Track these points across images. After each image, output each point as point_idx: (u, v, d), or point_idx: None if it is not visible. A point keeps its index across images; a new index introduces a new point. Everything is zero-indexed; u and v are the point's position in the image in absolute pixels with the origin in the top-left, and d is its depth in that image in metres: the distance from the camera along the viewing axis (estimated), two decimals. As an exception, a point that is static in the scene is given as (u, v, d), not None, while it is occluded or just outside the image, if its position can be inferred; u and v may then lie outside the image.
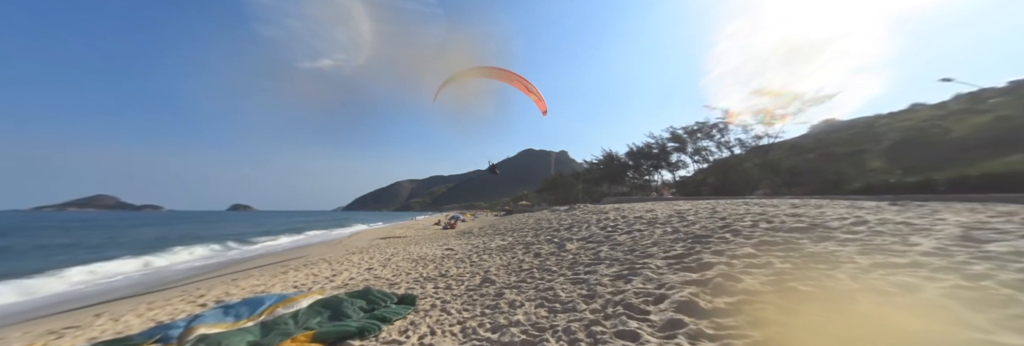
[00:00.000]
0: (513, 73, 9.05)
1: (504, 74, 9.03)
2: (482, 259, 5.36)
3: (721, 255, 3.29)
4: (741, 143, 23.87)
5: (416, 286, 4.11)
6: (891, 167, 15.40)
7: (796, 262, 2.75)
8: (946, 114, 20.66)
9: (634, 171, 31.21)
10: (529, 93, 9.25)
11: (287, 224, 35.86)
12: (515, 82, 9.07)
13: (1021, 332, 1.42)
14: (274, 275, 6.33)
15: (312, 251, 11.65)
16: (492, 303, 3.04)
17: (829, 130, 25.59)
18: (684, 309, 2.22)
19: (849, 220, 3.90)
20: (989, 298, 1.69)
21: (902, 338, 1.51)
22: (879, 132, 21.53)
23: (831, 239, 3.19)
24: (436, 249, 7.61)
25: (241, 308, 3.15)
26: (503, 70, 9.05)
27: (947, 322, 1.54)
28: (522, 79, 9.03)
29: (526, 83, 9.04)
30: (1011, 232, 2.77)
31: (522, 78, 9.02)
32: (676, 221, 5.76)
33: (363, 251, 9.03)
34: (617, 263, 3.66)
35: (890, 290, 1.94)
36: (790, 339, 1.67)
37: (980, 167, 11.18)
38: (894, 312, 1.72)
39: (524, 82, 9.03)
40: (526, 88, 9.12)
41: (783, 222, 4.29)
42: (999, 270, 2.00)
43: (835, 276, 2.29)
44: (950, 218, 3.72)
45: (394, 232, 17.86)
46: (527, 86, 9.09)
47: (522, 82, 9.02)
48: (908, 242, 2.77)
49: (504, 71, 9.04)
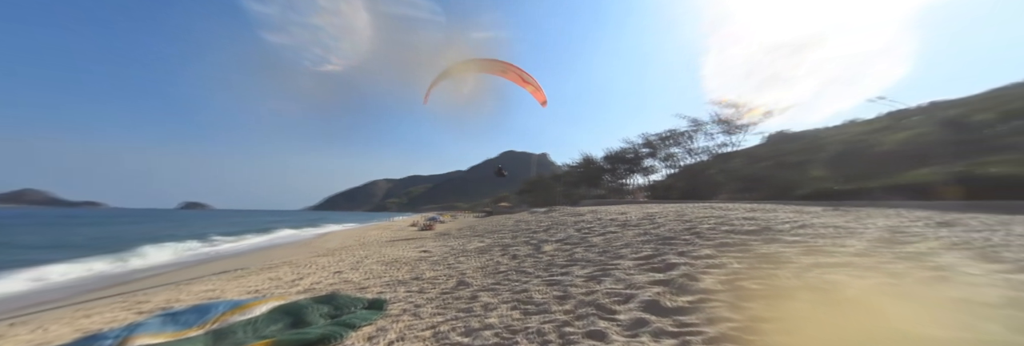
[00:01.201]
0: (507, 63, 8.09)
1: (496, 66, 8.14)
2: (459, 261, 5.28)
3: (684, 256, 3.46)
4: (707, 150, 25.34)
5: (387, 290, 3.96)
6: (832, 176, 16.93)
7: (749, 262, 2.94)
8: (876, 129, 23.04)
9: (611, 175, 32.19)
10: (525, 84, 8.31)
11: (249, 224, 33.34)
12: (508, 73, 8.17)
13: (933, 325, 1.60)
14: (230, 279, 5.88)
15: (275, 253, 10.92)
16: (466, 306, 2.99)
17: (782, 141, 27.73)
18: (649, 308, 2.31)
19: (795, 223, 4.23)
20: (907, 294, 1.90)
21: (833, 331, 1.65)
22: (822, 144, 23.58)
23: (779, 241, 3.44)
24: (411, 251, 7.40)
25: (188, 315, 2.86)
26: (495, 61, 8.12)
27: (872, 317, 1.71)
28: (516, 69, 8.07)
29: (521, 73, 8.10)
30: (923, 235, 3.13)
31: (516, 68, 8.07)
32: (646, 224, 5.99)
33: (332, 253, 8.60)
34: (590, 264, 3.74)
35: (825, 287, 2.13)
36: (739, 334, 1.79)
37: (902, 177, 12.58)
38: (827, 308, 1.88)
39: (519, 72, 8.09)
40: (521, 79, 8.21)
41: (739, 225, 4.58)
42: (915, 269, 2.25)
43: (780, 275, 2.47)
44: (878, 222, 4.13)
45: (368, 233, 17.11)
46: (522, 76, 8.14)
47: (516, 72, 8.10)
48: (842, 244, 3.04)
49: (496, 62, 8.12)
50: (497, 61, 8.16)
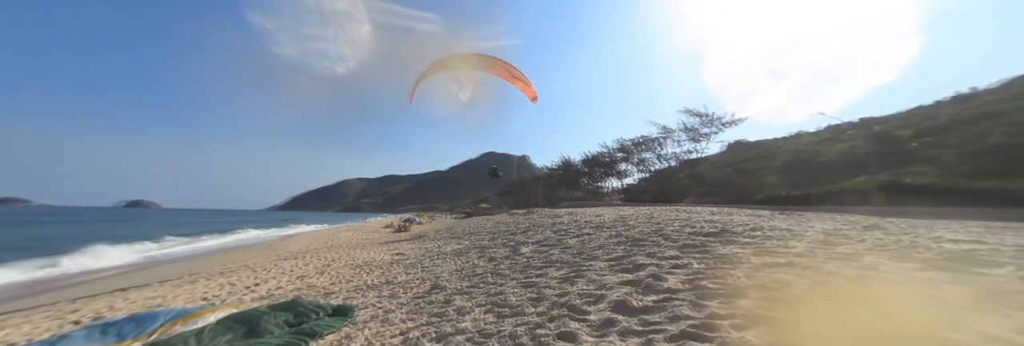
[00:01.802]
0: (495, 59, 7.65)
1: (484, 61, 7.70)
2: (434, 264, 5.19)
3: (652, 257, 3.62)
4: (676, 156, 26.73)
5: (356, 295, 3.80)
6: (782, 182, 18.49)
7: (708, 263, 3.15)
8: (820, 141, 25.48)
9: (588, 178, 33.03)
10: (514, 80, 7.89)
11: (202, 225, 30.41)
12: (497, 69, 7.75)
13: (859, 319, 1.80)
14: (179, 285, 5.38)
15: (233, 256, 10.05)
16: (440, 310, 2.94)
17: (741, 149, 29.89)
18: (618, 308, 2.40)
19: (749, 226, 4.57)
20: (836, 292, 2.12)
21: (774, 326, 1.81)
22: (775, 153, 25.71)
23: (735, 243, 3.71)
24: (385, 254, 7.16)
25: (125, 326, 2.57)
26: (482, 56, 7.70)
27: (808, 313, 1.90)
28: (505, 64, 7.65)
29: (510, 68, 7.67)
30: (854, 237, 3.50)
31: (505, 63, 7.66)
32: (619, 226, 6.21)
33: (298, 256, 8.11)
34: (566, 266, 3.82)
35: (772, 286, 2.32)
36: (698, 331, 1.91)
37: (840, 185, 14.01)
38: (773, 305, 2.06)
39: (507, 67, 7.66)
40: (510, 75, 7.80)
41: (702, 228, 4.88)
42: (845, 267, 2.52)
43: (735, 275, 2.67)
44: (817, 226, 4.57)
45: (339, 235, 16.08)
46: (511, 72, 7.72)
47: (505, 68, 7.68)
48: (788, 245, 3.34)
49: (484, 57, 7.68)
50: (485, 56, 7.74)
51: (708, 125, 24.31)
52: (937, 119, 20.24)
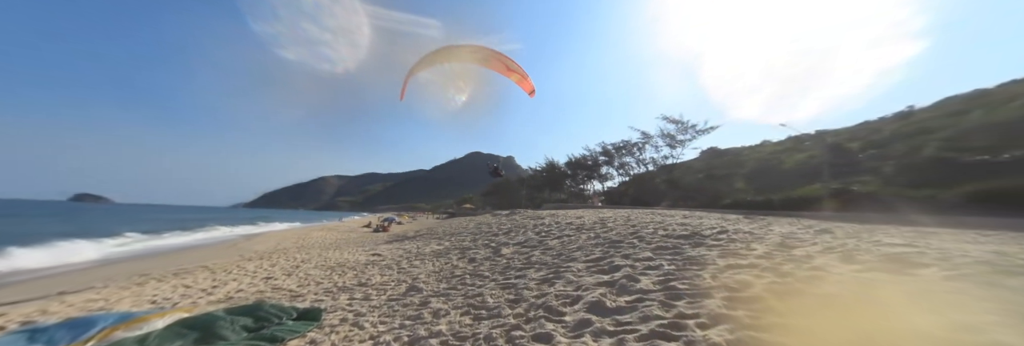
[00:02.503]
0: (489, 50, 7.03)
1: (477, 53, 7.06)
2: (412, 265, 5.07)
3: (628, 258, 3.72)
4: (654, 161, 27.67)
5: (326, 298, 3.64)
6: (749, 188, 19.58)
7: (679, 264, 3.27)
8: (782, 150, 27.22)
9: (572, 180, 33.52)
10: (510, 73, 7.31)
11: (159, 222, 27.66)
12: (491, 61, 7.16)
13: (811, 316, 1.92)
14: (125, 287, 4.94)
15: (191, 256, 9.21)
16: (415, 313, 2.87)
17: (713, 156, 31.39)
18: (594, 309, 2.44)
19: (717, 229, 4.80)
20: (792, 291, 2.27)
21: (735, 324, 1.91)
22: (742, 160, 27.19)
23: (703, 245, 3.88)
24: (361, 254, 6.93)
25: (57, 332, 2.30)
26: (476, 48, 7.01)
27: (764, 312, 2.01)
28: (501, 56, 7.05)
29: (505, 61, 7.08)
30: (807, 240, 3.75)
31: (501, 55, 7.05)
32: (599, 228, 6.34)
33: (264, 256, 7.65)
34: (545, 267, 3.85)
35: (734, 286, 2.45)
36: (667, 330, 1.98)
37: (798, 191, 15.02)
38: (735, 305, 2.17)
39: (502, 60, 7.07)
40: (506, 67, 7.20)
41: (674, 230, 5.07)
42: (798, 269, 2.70)
43: (702, 276, 2.79)
44: (777, 229, 4.86)
45: (311, 234, 15.22)
46: (507, 64, 7.13)
47: (500, 60, 7.09)
48: (750, 248, 3.53)
49: (477, 49, 7.03)
50: (479, 48, 7.00)
51: (684, 132, 25.37)
52: (881, 133, 22.17)
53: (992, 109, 18.39)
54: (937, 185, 12.02)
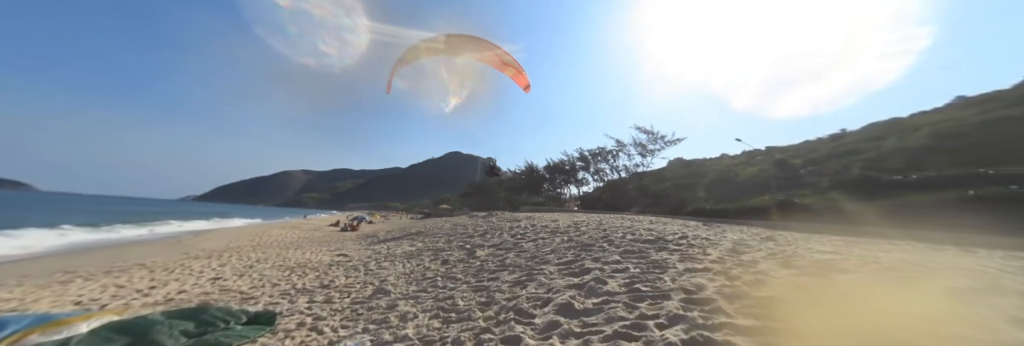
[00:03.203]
0: (483, 41, 6.32)
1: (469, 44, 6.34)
2: (381, 267, 4.88)
3: (598, 262, 3.84)
4: (626, 169, 28.84)
5: (283, 300, 3.40)
6: (708, 197, 20.99)
7: (643, 267, 3.43)
8: (738, 163, 29.53)
9: (550, 184, 34.01)
10: (505, 67, 6.71)
11: (95, 214, 23.90)
12: (486, 54, 6.49)
13: (755, 316, 2.09)
14: (44, 285, 4.32)
15: (126, 253, 8.15)
16: (381, 317, 2.75)
17: (679, 166, 33.34)
18: (563, 311, 2.49)
19: (678, 235, 5.10)
20: (738, 293, 2.46)
21: (690, 325, 2.04)
22: (704, 171, 29.16)
23: (666, 250, 4.10)
24: (325, 255, 6.56)
25: None
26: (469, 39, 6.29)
27: (713, 312, 2.16)
28: (495, 49, 6.40)
29: (500, 53, 6.46)
30: (754, 247, 4.09)
31: (495, 47, 6.39)
32: (572, 231, 6.48)
33: (213, 255, 6.96)
34: (519, 269, 3.87)
35: (690, 289, 2.61)
36: (629, 331, 2.07)
37: (750, 201, 16.36)
38: (690, 306, 2.32)
39: (498, 52, 6.43)
40: (500, 61, 6.61)
41: (641, 235, 5.31)
42: (745, 273, 2.94)
43: (664, 279, 2.94)
44: (730, 236, 5.26)
45: (270, 232, 13.99)
46: (501, 57, 6.53)
47: (495, 53, 6.44)
48: (706, 253, 3.78)
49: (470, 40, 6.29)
50: (471, 39, 6.28)
51: (654, 142, 26.71)
52: (818, 152, 24.76)
53: (903, 136, 21.20)
54: (861, 199, 13.62)
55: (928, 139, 19.56)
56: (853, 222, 10.49)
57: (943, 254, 4.27)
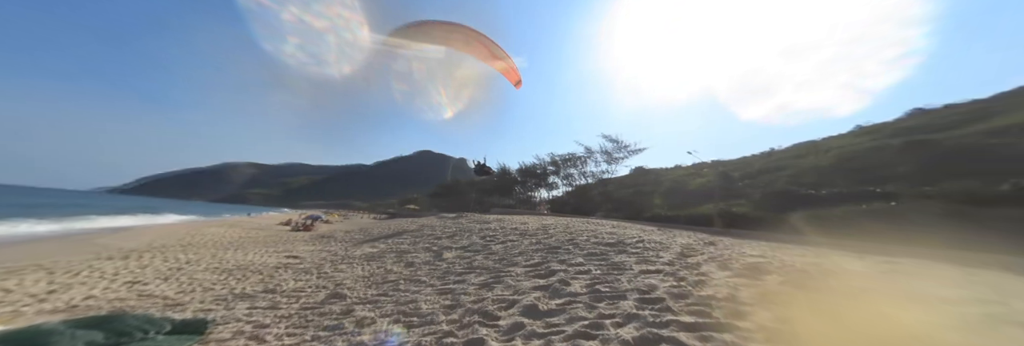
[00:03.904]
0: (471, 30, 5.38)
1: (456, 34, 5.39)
2: (338, 270, 4.57)
3: (564, 263, 3.97)
4: (593, 175, 30.17)
5: (217, 307, 3.06)
6: (664, 204, 22.71)
7: (604, 269, 3.62)
8: (689, 174, 32.38)
9: (521, 186, 34.36)
10: (494, 60, 5.77)
11: None
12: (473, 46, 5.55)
13: (696, 314, 2.31)
14: None
15: (18, 251, 6.85)
16: (334, 323, 2.57)
17: (640, 174, 35.67)
18: (528, 312, 2.54)
19: (636, 239, 5.45)
20: (684, 293, 2.70)
21: (641, 322, 2.20)
22: (661, 180, 31.52)
23: (625, 252, 4.37)
24: (272, 256, 6.00)
25: None
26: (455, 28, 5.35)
27: (662, 311, 2.36)
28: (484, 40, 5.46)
29: (489, 45, 5.53)
30: (699, 250, 4.52)
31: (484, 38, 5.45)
32: (541, 234, 6.62)
33: (132, 255, 6.05)
34: (487, 272, 3.86)
35: (644, 289, 2.82)
36: (588, 330, 2.17)
37: (698, 209, 18.01)
38: (643, 305, 2.50)
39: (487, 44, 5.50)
40: (490, 53, 5.66)
41: (604, 238, 5.59)
42: (690, 274, 3.23)
43: (621, 280, 3.14)
44: (680, 240, 5.74)
45: (206, 231, 12.23)
46: (491, 50, 5.59)
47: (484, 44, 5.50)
48: (659, 256, 4.10)
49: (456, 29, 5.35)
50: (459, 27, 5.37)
51: (619, 150, 28.28)
52: (753, 166, 28.04)
53: (817, 156, 24.83)
54: (785, 210, 15.65)
55: (834, 160, 23.16)
56: (777, 230, 12.04)
57: (841, 258, 5.08)
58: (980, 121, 22.48)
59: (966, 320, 2.13)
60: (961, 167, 16.85)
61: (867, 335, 1.85)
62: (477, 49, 5.64)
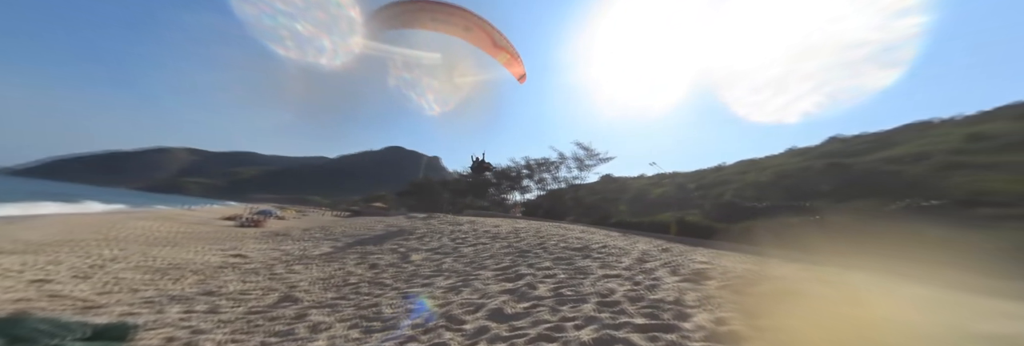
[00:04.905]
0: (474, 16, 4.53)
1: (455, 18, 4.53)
2: (291, 271, 4.24)
3: (532, 267, 4.05)
4: (566, 180, 31.03)
5: (144, 310, 2.73)
6: (628, 211, 24.01)
7: (570, 273, 3.75)
8: (651, 183, 34.63)
9: (496, 189, 34.31)
10: (497, 50, 5.02)
11: None
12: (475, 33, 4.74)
13: (648, 316, 2.48)
14: None
15: None
16: (285, 329, 2.39)
17: (608, 182, 37.39)
18: (493, 316, 2.56)
19: (601, 244, 5.71)
20: (639, 296, 2.89)
21: (599, 324, 2.32)
22: (626, 188, 33.32)
23: (590, 257, 4.56)
24: (213, 255, 5.42)
25: None
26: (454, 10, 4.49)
27: (618, 313, 2.51)
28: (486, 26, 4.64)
29: (493, 33, 4.75)
30: (655, 256, 4.85)
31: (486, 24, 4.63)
32: (512, 237, 6.67)
33: (38, 250, 5.22)
34: (455, 275, 3.82)
35: (604, 292, 2.97)
36: (551, 332, 2.24)
37: (657, 217, 19.29)
38: (602, 308, 2.64)
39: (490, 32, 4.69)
40: (492, 42, 4.89)
41: (571, 243, 5.79)
42: (645, 279, 3.48)
43: (584, 284, 3.28)
44: (639, 246, 6.11)
45: (131, 224, 10.39)
46: (494, 39, 4.81)
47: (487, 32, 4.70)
48: (620, 261, 4.34)
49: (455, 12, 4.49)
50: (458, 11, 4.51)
51: (590, 158, 29.38)
52: (705, 179, 30.67)
53: (758, 173, 27.80)
54: (731, 220, 17.31)
55: (771, 177, 26.15)
56: (722, 238, 13.28)
57: (772, 265, 5.76)
58: (882, 149, 26.79)
59: (860, 320, 2.54)
60: (868, 188, 19.91)
61: (786, 331, 2.14)
62: (478, 36, 4.91)
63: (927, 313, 3.05)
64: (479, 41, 5.07)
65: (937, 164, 20.67)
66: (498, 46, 5.23)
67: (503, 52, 5.34)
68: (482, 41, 5.07)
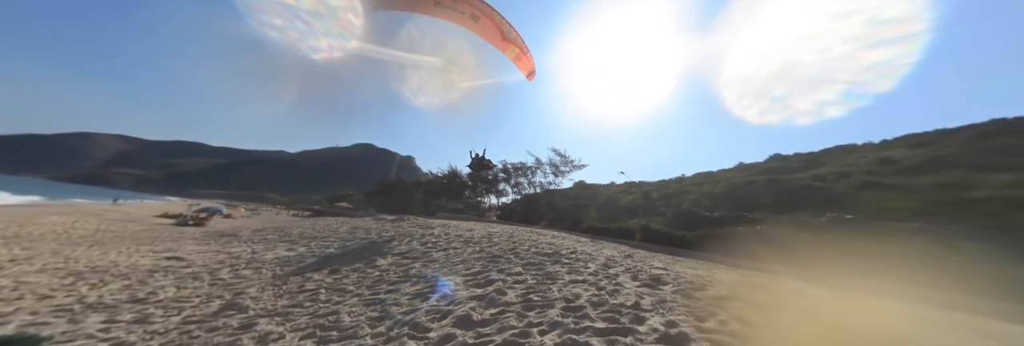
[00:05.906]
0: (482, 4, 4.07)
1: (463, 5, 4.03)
2: (238, 276, 3.87)
3: (503, 273, 4.06)
4: (541, 185, 31.53)
5: (57, 319, 2.42)
6: (598, 217, 24.99)
7: (539, 279, 3.82)
8: (620, 191, 36.44)
9: (471, 191, 33.86)
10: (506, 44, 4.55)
11: None
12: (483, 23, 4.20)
13: (608, 320, 2.61)
14: None
15: None
16: (227, 340, 2.20)
17: (581, 188, 38.67)
18: (461, 323, 2.54)
19: (570, 249, 5.89)
20: (601, 301, 3.03)
21: (563, 328, 2.40)
22: (597, 194, 34.71)
23: (559, 263, 4.68)
24: (144, 257, 4.82)
25: None
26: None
27: (581, 318, 2.61)
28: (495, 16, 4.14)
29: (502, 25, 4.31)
30: (619, 262, 5.10)
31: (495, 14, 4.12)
32: (485, 242, 6.63)
33: None
34: (423, 281, 3.72)
35: (570, 298, 3.07)
36: (516, 339, 2.27)
37: (625, 223, 20.30)
38: (567, 313, 2.72)
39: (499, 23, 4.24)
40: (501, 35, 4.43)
41: (543, 248, 5.89)
42: (609, 284, 3.65)
43: (552, 289, 3.36)
44: (605, 252, 6.39)
45: (42, 219, 9.06)
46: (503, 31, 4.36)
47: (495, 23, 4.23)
48: (586, 266, 4.51)
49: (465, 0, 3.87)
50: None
51: (565, 165, 30.18)
52: (668, 189, 32.93)
53: (713, 185, 30.42)
54: (688, 228, 18.69)
55: (724, 189, 28.81)
56: (680, 245, 14.29)
57: (718, 271, 6.32)
58: (813, 168, 30.82)
59: (779, 320, 2.88)
60: (802, 201, 22.70)
61: (725, 333, 2.38)
62: (486, 27, 4.40)
63: (830, 314, 3.55)
64: (487, 33, 4.51)
65: (855, 182, 24.30)
66: (507, 39, 4.68)
67: (512, 46, 4.78)
68: (490, 33, 4.53)
